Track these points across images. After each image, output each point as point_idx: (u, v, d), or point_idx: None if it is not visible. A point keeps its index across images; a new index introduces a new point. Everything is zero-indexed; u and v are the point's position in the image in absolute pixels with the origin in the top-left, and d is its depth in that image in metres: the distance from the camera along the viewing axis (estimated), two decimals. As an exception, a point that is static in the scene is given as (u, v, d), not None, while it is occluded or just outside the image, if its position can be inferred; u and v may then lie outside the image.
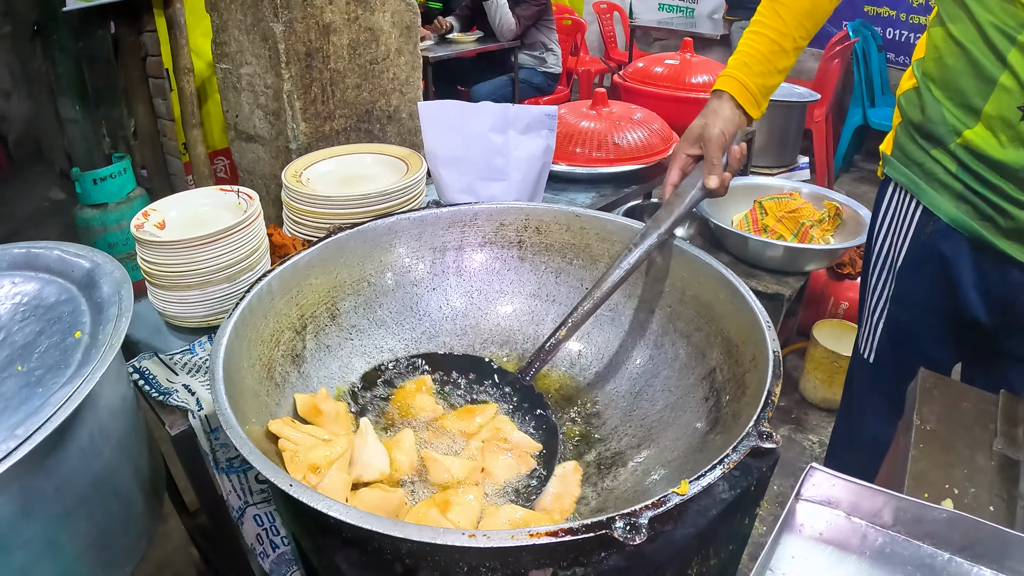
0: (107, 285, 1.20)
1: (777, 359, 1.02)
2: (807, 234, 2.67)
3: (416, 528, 0.75)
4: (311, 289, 1.28)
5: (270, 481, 0.82)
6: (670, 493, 0.81)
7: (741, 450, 0.88)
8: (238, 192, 1.62)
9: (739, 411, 1.05)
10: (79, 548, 1.10)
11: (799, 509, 0.97)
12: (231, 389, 0.98)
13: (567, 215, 1.41)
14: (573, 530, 0.75)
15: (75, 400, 0.95)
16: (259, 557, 1.51)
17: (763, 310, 1.12)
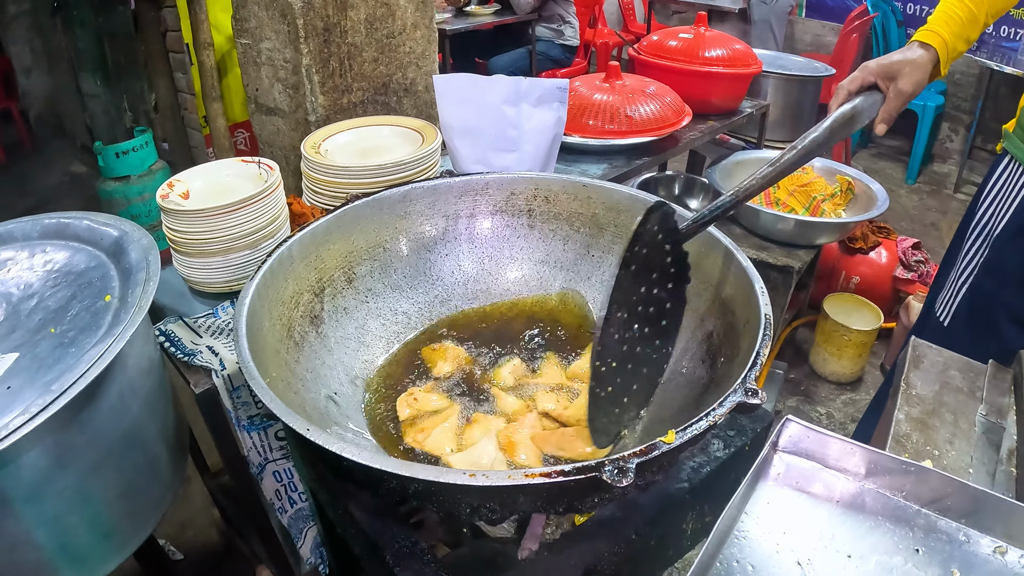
0: (135, 252, 1.27)
1: (768, 322, 1.06)
2: (818, 208, 2.69)
3: (422, 468, 0.81)
4: (329, 254, 1.34)
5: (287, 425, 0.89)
6: (657, 441, 0.86)
7: (727, 404, 0.92)
8: (259, 163, 1.69)
9: (731, 372, 1.09)
10: (108, 498, 1.18)
11: (775, 459, 1.03)
12: (253, 345, 1.04)
13: (575, 185, 1.46)
14: (565, 472, 0.81)
15: (106, 358, 1.02)
16: (278, 512, 1.60)
17: (757, 275, 1.16)
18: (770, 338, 1.04)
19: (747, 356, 1.02)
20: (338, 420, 1.15)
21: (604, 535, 1.06)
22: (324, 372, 1.23)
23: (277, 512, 1.60)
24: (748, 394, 0.94)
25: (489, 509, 0.92)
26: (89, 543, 1.18)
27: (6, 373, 1.11)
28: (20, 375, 1.10)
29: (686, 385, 1.22)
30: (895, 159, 5.09)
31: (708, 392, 1.14)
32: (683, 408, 1.16)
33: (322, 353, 1.25)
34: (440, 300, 1.46)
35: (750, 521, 0.93)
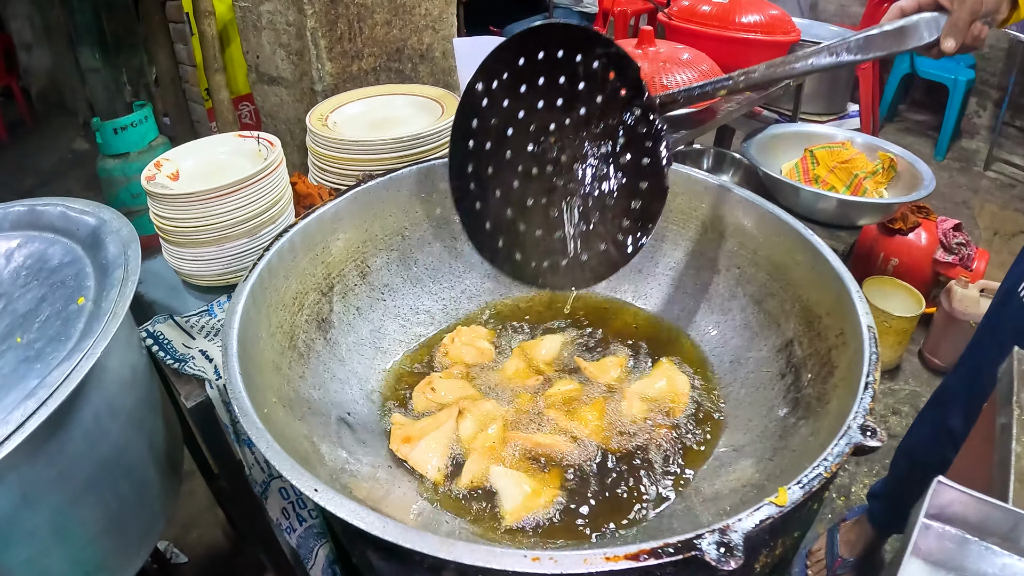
0: (113, 244, 1.07)
1: (873, 336, 0.85)
2: (860, 186, 2.46)
3: (467, 548, 0.59)
4: (338, 245, 1.12)
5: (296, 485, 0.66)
6: (766, 504, 0.65)
7: (842, 447, 0.73)
8: (258, 138, 1.45)
9: (825, 394, 0.89)
10: (90, 535, 1.01)
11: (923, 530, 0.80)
12: (247, 364, 0.83)
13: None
14: (657, 552, 0.60)
15: (75, 378, 0.84)
16: (285, 532, 1.38)
17: (852, 278, 0.95)
18: (878, 356, 0.83)
19: (850, 380, 0.83)
20: (352, 449, 0.93)
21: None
22: (335, 388, 1.01)
23: (284, 532, 1.38)
24: (866, 433, 0.74)
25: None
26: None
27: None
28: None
29: (765, 403, 1.00)
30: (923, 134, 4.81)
31: (795, 415, 0.93)
32: (764, 435, 0.94)
33: (332, 364, 1.03)
34: (468, 296, 1.23)
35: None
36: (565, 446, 0.96)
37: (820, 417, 0.87)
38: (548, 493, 0.91)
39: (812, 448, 0.81)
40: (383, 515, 0.62)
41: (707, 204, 1.17)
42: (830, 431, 0.79)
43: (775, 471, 0.84)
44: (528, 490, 0.90)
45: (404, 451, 0.95)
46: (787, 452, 0.87)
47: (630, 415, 1.01)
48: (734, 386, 1.06)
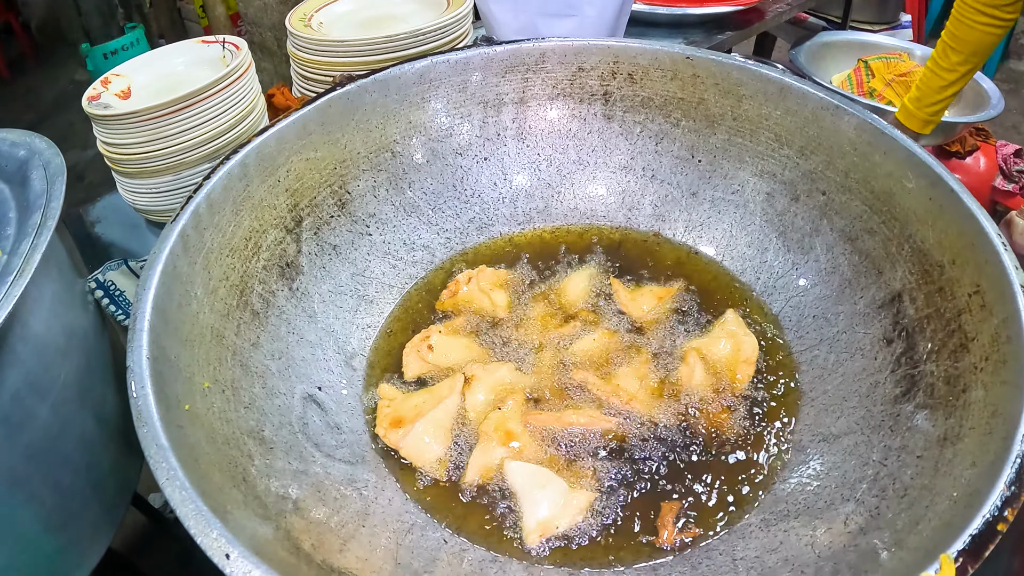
0: (38, 181, 0.83)
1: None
2: (920, 102, 2.16)
3: None
4: (308, 166, 0.85)
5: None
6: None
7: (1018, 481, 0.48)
8: (223, 43, 1.17)
9: (959, 376, 0.63)
10: (26, 538, 0.80)
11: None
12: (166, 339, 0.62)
13: (673, 57, 0.93)
14: None
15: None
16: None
17: (988, 216, 0.69)
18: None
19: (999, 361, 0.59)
20: (320, 439, 0.68)
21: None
22: (302, 354, 0.75)
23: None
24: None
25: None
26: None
27: None
28: None
29: (864, 378, 0.73)
30: (968, 50, 4.43)
31: (912, 401, 0.67)
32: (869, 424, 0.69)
33: (299, 323, 0.77)
34: (478, 225, 0.96)
35: None
36: (604, 422, 0.70)
37: (955, 411, 0.60)
38: (584, 496, 0.65)
39: (953, 464, 0.55)
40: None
41: (782, 111, 0.88)
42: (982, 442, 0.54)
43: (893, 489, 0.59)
44: (557, 493, 0.64)
45: (393, 438, 0.70)
46: (908, 457, 0.61)
47: (688, 383, 0.74)
48: (820, 349, 0.79)
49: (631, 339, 0.81)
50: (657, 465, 0.69)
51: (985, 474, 0.50)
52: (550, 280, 0.89)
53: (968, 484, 0.51)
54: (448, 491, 0.68)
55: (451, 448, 0.70)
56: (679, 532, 0.64)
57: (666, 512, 0.64)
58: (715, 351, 0.78)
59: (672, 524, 0.64)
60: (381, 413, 0.73)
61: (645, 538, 0.64)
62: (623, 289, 0.86)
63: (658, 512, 0.65)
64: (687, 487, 0.68)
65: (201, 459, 0.50)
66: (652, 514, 0.65)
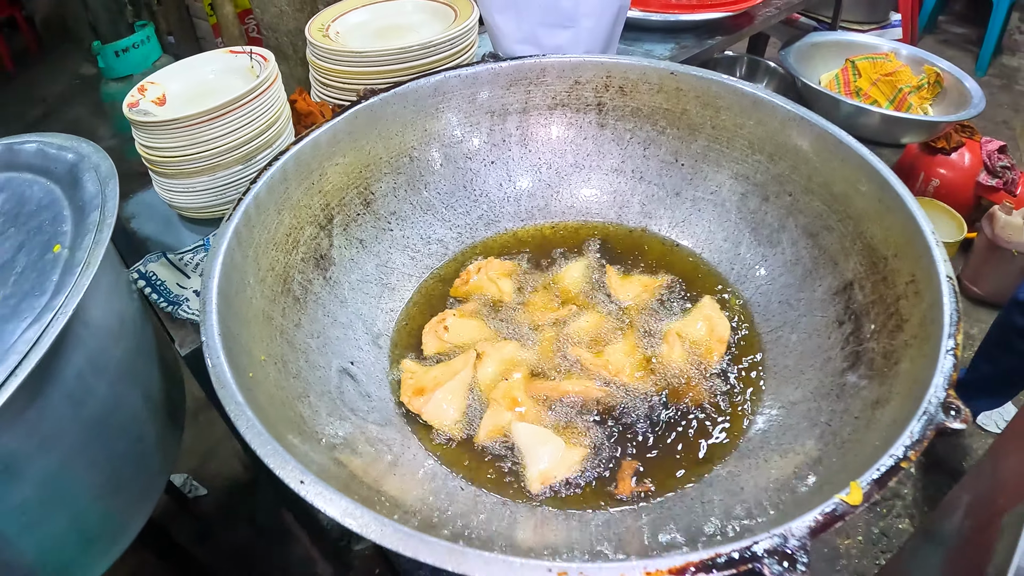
0: (91, 183, 0.95)
1: (954, 289, 0.72)
2: (904, 101, 2.28)
3: (478, 558, 0.48)
4: (338, 171, 0.98)
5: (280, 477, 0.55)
6: (836, 502, 0.54)
7: (923, 431, 0.61)
8: (251, 54, 1.30)
9: (893, 352, 0.76)
10: (85, 500, 0.93)
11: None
12: (230, 320, 0.72)
13: (660, 72, 1.06)
14: (706, 565, 0.48)
15: (47, 339, 0.74)
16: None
17: (925, 216, 0.82)
18: (960, 314, 0.70)
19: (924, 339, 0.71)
20: (355, 404, 0.81)
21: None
22: (336, 334, 0.88)
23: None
24: (949, 412, 0.62)
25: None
26: (72, 552, 0.94)
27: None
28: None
29: (819, 354, 0.86)
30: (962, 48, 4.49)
31: (856, 372, 0.80)
32: (820, 392, 0.82)
33: (333, 307, 0.90)
34: (485, 222, 1.10)
35: None
36: (596, 391, 0.83)
37: (887, 380, 0.73)
38: (578, 452, 0.79)
39: (880, 421, 0.68)
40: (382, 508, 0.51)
41: (755, 121, 1.01)
42: (903, 404, 0.66)
43: (834, 443, 0.72)
44: (555, 449, 0.78)
45: (416, 404, 0.83)
46: (847, 418, 0.74)
47: (669, 359, 0.88)
48: (783, 331, 0.92)
49: (620, 321, 0.94)
50: (640, 427, 0.83)
51: (899, 426, 0.63)
52: (550, 270, 1.03)
53: (887, 434, 0.64)
54: (463, 448, 0.81)
55: (465, 412, 0.84)
56: (635, 486, 0.77)
57: (625, 469, 0.78)
58: (693, 332, 0.91)
59: (629, 479, 0.77)
60: (405, 384, 0.86)
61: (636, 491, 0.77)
62: (615, 277, 0.99)
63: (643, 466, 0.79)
64: (666, 445, 0.81)
65: (267, 414, 0.63)
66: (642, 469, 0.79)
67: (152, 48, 3.20)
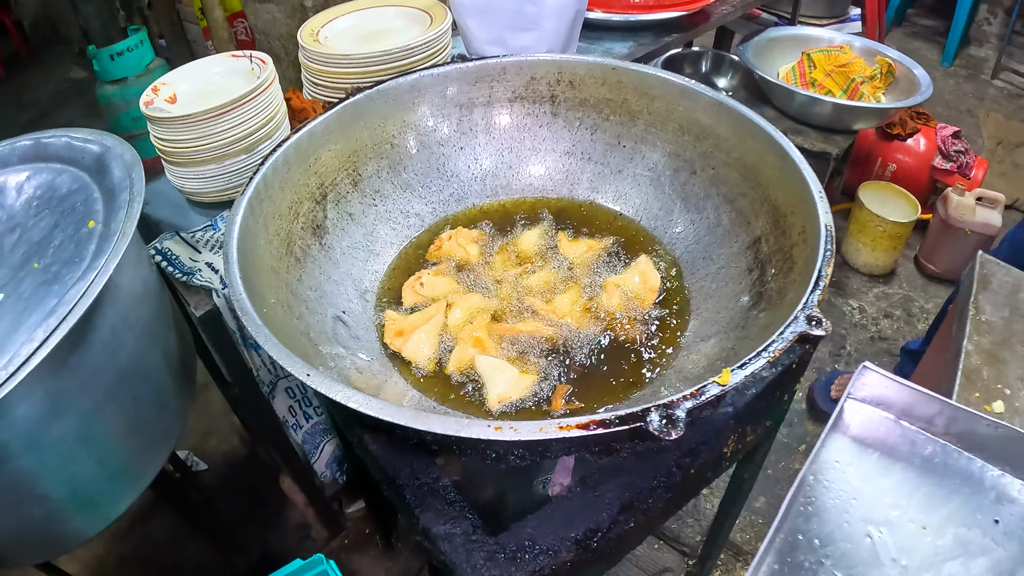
0: (118, 169, 1.12)
1: (829, 235, 0.91)
2: (857, 91, 2.47)
3: (439, 420, 0.68)
4: (330, 156, 1.18)
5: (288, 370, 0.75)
6: (710, 383, 0.73)
7: (787, 337, 0.79)
8: (251, 57, 1.50)
9: (785, 288, 0.95)
10: (113, 439, 1.09)
11: (848, 408, 0.87)
12: (247, 270, 0.91)
13: (603, 68, 1.27)
14: (605, 423, 0.68)
15: (90, 295, 0.90)
16: (291, 429, 1.49)
17: (815, 178, 1.00)
18: (832, 253, 0.89)
19: (805, 274, 0.89)
20: (347, 343, 1.02)
21: (642, 469, 0.93)
22: (330, 289, 1.09)
23: (291, 429, 1.50)
24: (811, 323, 0.81)
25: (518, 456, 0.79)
26: (99, 487, 1.11)
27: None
28: (4, 318, 1.03)
29: (732, 297, 1.07)
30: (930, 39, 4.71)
31: (758, 308, 1.00)
32: (730, 325, 1.02)
33: (327, 267, 1.11)
34: (456, 198, 1.30)
35: (818, 486, 0.81)
36: (545, 331, 1.04)
37: (778, 308, 0.93)
38: (529, 378, 0.99)
39: (767, 335, 0.88)
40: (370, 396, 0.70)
41: (683, 107, 1.22)
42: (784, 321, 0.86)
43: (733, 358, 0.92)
44: (510, 376, 0.98)
45: (397, 343, 1.04)
46: (747, 341, 0.94)
47: (607, 305, 1.09)
48: (705, 281, 1.13)
49: (568, 276, 1.15)
50: (580, 359, 1.03)
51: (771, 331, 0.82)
52: (509, 236, 1.23)
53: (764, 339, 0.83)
54: (436, 378, 1.02)
55: (437, 350, 1.04)
56: (565, 403, 0.97)
57: (558, 391, 0.98)
58: (629, 283, 1.12)
59: (560, 398, 0.97)
60: (388, 328, 1.07)
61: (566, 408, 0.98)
62: (565, 240, 1.20)
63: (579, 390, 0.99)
64: (601, 373, 1.02)
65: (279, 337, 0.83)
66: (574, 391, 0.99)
67: (145, 51, 3.37)
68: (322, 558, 1.37)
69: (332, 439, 1.60)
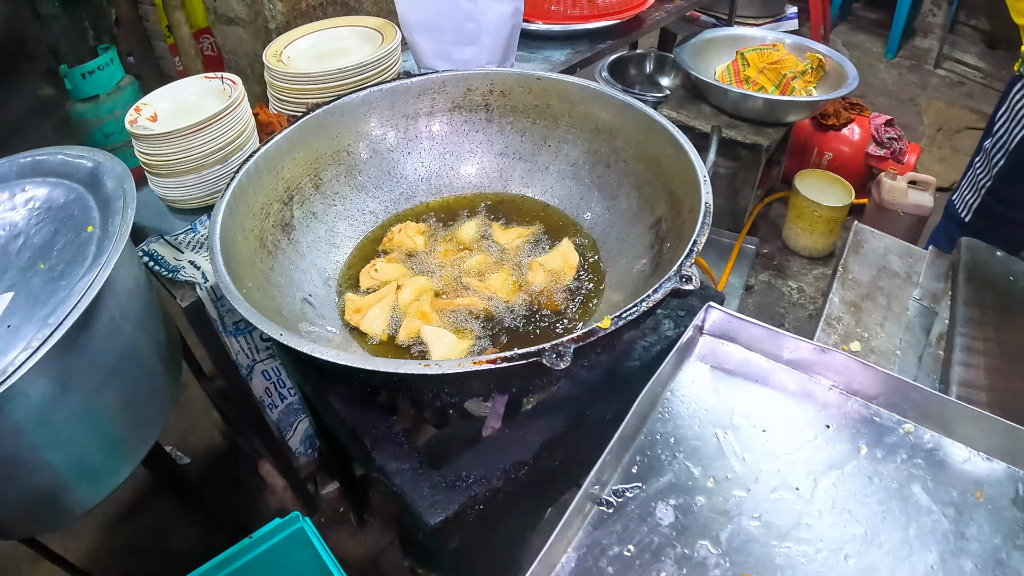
0: (111, 181, 1.30)
1: (707, 210, 1.12)
2: (788, 86, 2.68)
3: (382, 361, 0.90)
4: (295, 163, 1.40)
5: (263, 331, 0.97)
6: (594, 327, 0.94)
7: (661, 291, 0.99)
8: (222, 78, 1.70)
9: (675, 257, 1.13)
10: (113, 414, 1.27)
11: (700, 341, 1.09)
12: (228, 260, 1.12)
13: (528, 79, 1.50)
14: (508, 358, 0.90)
15: (95, 288, 1.07)
16: (268, 408, 1.70)
17: (702, 165, 1.21)
18: (708, 226, 1.10)
19: (687, 243, 1.08)
20: (313, 320, 1.24)
21: (561, 412, 1.15)
22: (298, 276, 1.31)
23: (267, 408, 1.71)
24: (683, 280, 1.01)
25: (448, 393, 1.00)
26: (100, 458, 1.27)
27: (4, 312, 1.17)
28: (17, 313, 1.17)
29: (637, 268, 1.29)
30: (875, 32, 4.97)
31: (655, 276, 1.21)
32: (633, 291, 1.24)
33: (295, 258, 1.33)
34: (405, 197, 1.53)
35: (675, 399, 1.01)
36: (479, 304, 1.27)
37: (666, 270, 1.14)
38: (466, 342, 1.22)
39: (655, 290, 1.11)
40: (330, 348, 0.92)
41: (598, 110, 1.45)
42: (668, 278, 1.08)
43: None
44: (450, 341, 1.21)
45: (355, 319, 1.26)
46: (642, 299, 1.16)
47: (533, 281, 1.31)
48: (619, 259, 1.35)
49: (501, 258, 1.38)
50: (509, 326, 1.25)
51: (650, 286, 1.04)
52: (451, 227, 1.46)
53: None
54: (388, 346, 1.24)
55: (389, 323, 1.26)
56: None
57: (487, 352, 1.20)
58: (552, 262, 1.35)
59: None
60: (348, 308, 1.29)
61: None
62: (498, 229, 1.43)
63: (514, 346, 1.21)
64: (528, 335, 1.24)
65: (258, 310, 1.04)
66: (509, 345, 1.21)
67: (116, 69, 3.55)
68: (298, 515, 1.55)
69: (304, 417, 1.81)
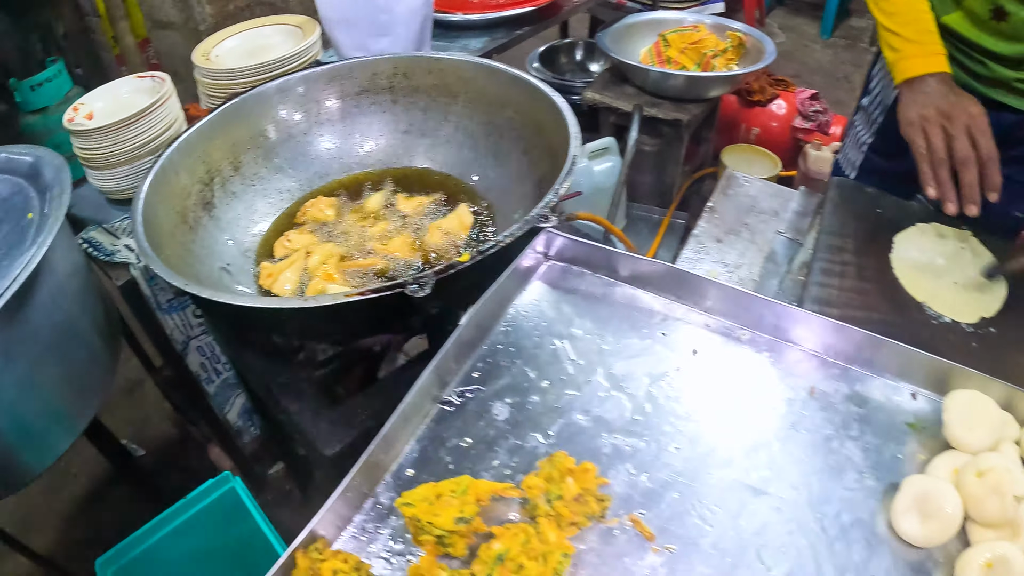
0: (49, 172, 1.45)
1: (573, 161, 1.28)
2: (709, 64, 2.83)
3: (271, 300, 1.08)
4: (215, 147, 1.56)
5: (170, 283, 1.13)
6: (454, 261, 1.09)
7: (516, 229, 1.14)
8: (152, 77, 1.87)
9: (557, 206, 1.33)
10: (55, 383, 1.40)
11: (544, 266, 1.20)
12: (150, 232, 1.27)
13: (428, 60, 1.68)
14: (375, 290, 1.06)
15: (31, 264, 1.20)
16: (204, 384, 1.86)
17: (575, 122, 1.37)
18: (569, 174, 1.25)
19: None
20: (229, 286, 1.41)
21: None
22: (218, 248, 1.48)
23: (204, 384, 1.86)
24: (539, 220, 1.16)
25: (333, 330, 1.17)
26: (43, 425, 1.39)
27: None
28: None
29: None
30: (811, 15, 5.17)
31: None
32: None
33: (215, 233, 1.49)
34: (319, 175, 1.70)
35: (518, 315, 1.13)
36: (379, 263, 1.44)
37: None
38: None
39: None
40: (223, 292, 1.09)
41: (491, 84, 1.62)
42: None
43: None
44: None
45: (268, 282, 1.43)
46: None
47: (429, 241, 1.49)
48: (511, 215, 1.52)
49: (402, 225, 1.55)
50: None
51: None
52: (359, 200, 1.63)
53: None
54: (301, 303, 1.41)
55: (299, 284, 1.43)
56: None
57: None
58: (449, 224, 1.52)
59: None
60: (263, 273, 1.45)
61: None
62: (402, 199, 1.60)
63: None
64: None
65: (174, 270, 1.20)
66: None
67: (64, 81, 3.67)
68: (229, 475, 1.70)
69: (241, 392, 1.97)
